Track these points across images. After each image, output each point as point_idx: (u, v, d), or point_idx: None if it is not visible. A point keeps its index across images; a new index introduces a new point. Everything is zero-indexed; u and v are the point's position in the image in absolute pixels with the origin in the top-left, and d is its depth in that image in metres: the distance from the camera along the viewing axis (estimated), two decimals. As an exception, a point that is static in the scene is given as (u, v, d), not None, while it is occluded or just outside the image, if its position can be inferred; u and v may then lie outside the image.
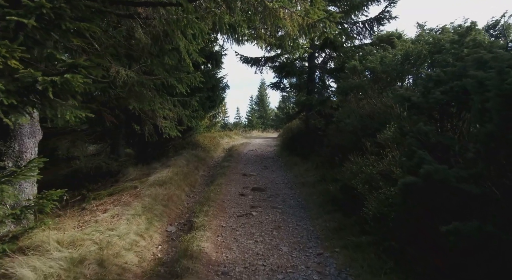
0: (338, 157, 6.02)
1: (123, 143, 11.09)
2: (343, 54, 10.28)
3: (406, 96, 3.50)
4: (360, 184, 4.08)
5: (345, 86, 6.38)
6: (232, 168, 9.51)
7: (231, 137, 21.42)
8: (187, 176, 8.73)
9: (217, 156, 13.10)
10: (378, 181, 3.89)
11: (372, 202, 3.60)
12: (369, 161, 4.33)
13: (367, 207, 3.62)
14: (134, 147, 12.40)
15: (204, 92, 10.48)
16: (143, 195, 6.48)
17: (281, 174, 8.80)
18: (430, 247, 2.76)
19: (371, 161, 4.27)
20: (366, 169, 4.14)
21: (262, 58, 11.59)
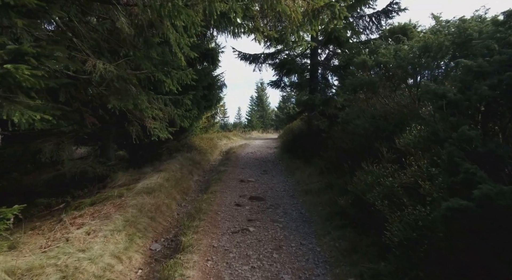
0: (347, 163, 5.31)
1: (113, 145, 10.34)
2: (348, 50, 9.57)
3: (439, 92, 2.80)
4: (379, 199, 3.37)
5: (354, 83, 5.68)
6: (229, 173, 8.81)
7: (230, 138, 20.73)
8: (180, 182, 8.04)
9: (214, 159, 12.39)
10: (401, 196, 3.18)
11: (396, 224, 2.89)
12: (387, 171, 3.62)
13: (390, 231, 2.91)
14: (128, 149, 11.71)
15: (199, 90, 9.78)
16: (127, 206, 5.79)
17: (281, 179, 8.10)
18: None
19: (390, 171, 3.56)
20: (385, 181, 3.44)
21: (261, 54, 10.89)
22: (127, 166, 9.87)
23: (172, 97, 7.80)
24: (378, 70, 5.71)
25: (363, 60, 5.74)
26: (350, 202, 4.01)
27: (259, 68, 11.24)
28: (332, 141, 7.22)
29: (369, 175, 3.81)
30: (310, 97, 9.06)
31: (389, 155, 4.03)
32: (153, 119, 7.22)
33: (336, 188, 5.45)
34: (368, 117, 5.15)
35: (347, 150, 5.74)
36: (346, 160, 5.75)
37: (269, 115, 47.28)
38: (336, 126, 7.39)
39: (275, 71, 10.89)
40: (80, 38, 5.25)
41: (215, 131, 23.49)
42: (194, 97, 9.82)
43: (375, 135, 4.89)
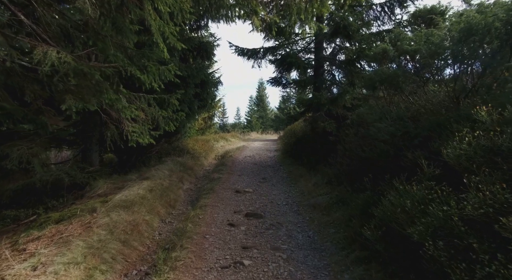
0: (366, 175, 4.28)
1: (96, 148, 9.26)
2: (357, 43, 8.55)
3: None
4: (427, 236, 2.34)
5: (373, 78, 4.65)
6: (223, 181, 7.76)
7: (228, 140, 19.69)
8: (167, 192, 7.00)
9: (209, 164, 11.35)
10: (465, 236, 2.15)
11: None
12: (435, 195, 2.58)
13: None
14: (116, 152, 10.67)
15: (191, 88, 8.75)
16: (97, 225, 4.77)
17: (283, 189, 7.06)
18: None
19: (441, 196, 2.52)
20: (436, 211, 2.40)
21: (260, 49, 9.85)
22: (111, 172, 8.87)
23: (157, 96, 6.80)
24: (402, 61, 4.68)
25: (382, 50, 4.70)
26: (379, 234, 2.96)
27: (258, 64, 10.21)
28: (342, 147, 6.19)
29: (408, 199, 2.77)
30: (315, 96, 8.02)
31: (431, 169, 2.98)
32: (134, 121, 6.22)
33: (352, 206, 4.40)
34: (393, 118, 4.11)
35: (364, 159, 4.70)
36: (364, 171, 4.71)
37: (269, 116, 46.29)
38: (348, 129, 6.36)
39: (276, 68, 9.85)
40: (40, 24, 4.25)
41: (212, 133, 22.47)
42: (185, 96, 8.78)
43: (404, 141, 3.85)
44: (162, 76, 6.25)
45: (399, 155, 3.82)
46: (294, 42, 9.68)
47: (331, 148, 7.72)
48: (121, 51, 4.92)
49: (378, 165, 4.18)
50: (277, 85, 10.19)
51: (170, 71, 6.36)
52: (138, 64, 4.80)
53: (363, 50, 7.81)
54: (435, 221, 2.39)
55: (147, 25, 5.09)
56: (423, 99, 4.39)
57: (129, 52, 5.05)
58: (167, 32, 5.57)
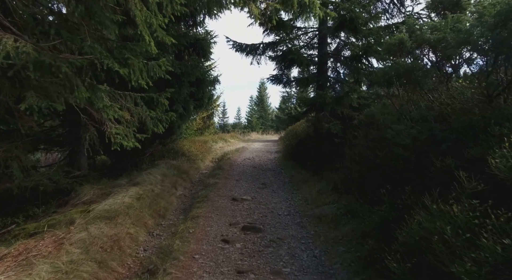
0: (380, 185, 3.66)
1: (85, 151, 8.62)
2: (364, 37, 7.93)
3: None
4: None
5: (387, 73, 4.03)
6: (220, 187, 7.14)
7: (227, 141, 19.08)
8: (157, 199, 6.40)
9: (206, 167, 10.73)
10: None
11: None
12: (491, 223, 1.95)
13: None
14: (109, 155, 10.08)
15: (185, 87, 8.13)
16: (71, 241, 4.17)
17: (284, 197, 6.44)
18: None
19: (500, 225, 1.90)
20: (493, 245, 1.78)
21: (259, 45, 9.22)
22: (101, 176, 8.26)
23: (144, 95, 6.20)
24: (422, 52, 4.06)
25: (399, 40, 4.08)
26: (409, 266, 2.33)
27: (258, 60, 9.59)
28: (351, 150, 5.57)
29: (446, 223, 2.14)
30: (319, 94, 7.40)
31: (473, 184, 2.36)
32: (117, 122, 5.62)
33: (366, 222, 3.78)
34: (414, 119, 3.49)
35: (378, 166, 4.09)
36: (377, 179, 4.10)
37: (269, 116, 45.71)
38: (356, 131, 5.74)
39: (276, 64, 9.23)
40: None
41: (211, 133, 21.88)
42: (179, 95, 8.18)
43: (428, 146, 3.23)
44: (151, 73, 5.66)
45: (422, 163, 3.20)
46: (296, 37, 9.07)
47: (336, 151, 7.11)
48: (99, 43, 4.32)
49: (395, 173, 3.55)
50: (278, 83, 9.56)
51: (161, 67, 5.78)
52: (119, 57, 4.19)
53: (371, 45, 7.19)
54: (490, 257, 1.77)
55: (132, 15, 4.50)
56: (445, 97, 3.77)
57: (109, 44, 4.44)
58: (155, 24, 4.96)
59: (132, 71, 5.31)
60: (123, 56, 4.17)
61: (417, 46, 3.94)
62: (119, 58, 4.15)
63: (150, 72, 5.61)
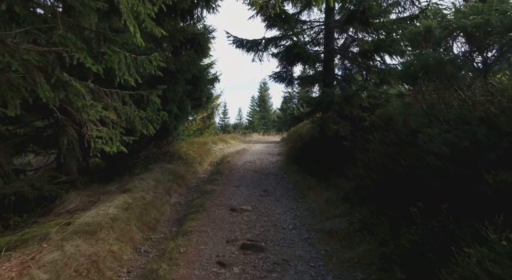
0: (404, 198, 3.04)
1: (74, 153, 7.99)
2: (376, 31, 7.30)
3: None
4: None
5: (412, 67, 3.39)
6: (218, 195, 6.51)
7: (227, 142, 18.48)
8: (148, 208, 5.79)
9: (204, 171, 10.11)
10: None
11: None
12: None
13: None
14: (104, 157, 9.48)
15: (181, 85, 7.51)
16: (40, 264, 3.55)
17: (289, 206, 5.81)
18: None
19: None
20: None
21: (261, 40, 8.59)
22: (92, 181, 7.67)
23: (133, 92, 5.60)
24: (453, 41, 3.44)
25: (425, 28, 3.45)
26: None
27: (260, 57, 8.95)
28: (364, 156, 4.95)
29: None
30: (327, 93, 6.77)
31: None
32: (102, 123, 5.01)
33: (391, 247, 3.13)
34: (451, 122, 2.86)
35: (400, 176, 3.45)
36: (401, 191, 3.47)
37: (271, 116, 45.08)
38: (369, 134, 5.12)
39: (279, 61, 8.59)
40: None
41: (211, 134, 21.26)
42: (174, 93, 7.56)
43: (471, 156, 2.60)
44: (140, 68, 5.05)
45: (465, 176, 2.57)
46: (301, 31, 8.43)
47: (345, 155, 6.48)
48: (74, 32, 3.70)
49: (425, 186, 2.92)
50: (281, 81, 8.92)
51: (151, 63, 5.17)
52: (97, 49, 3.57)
53: (384, 40, 6.55)
54: None
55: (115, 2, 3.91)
56: (480, 94, 3.14)
57: (86, 35, 3.83)
58: (143, 13, 4.38)
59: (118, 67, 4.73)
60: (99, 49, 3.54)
61: (448, 34, 3.32)
62: (94, 52, 3.53)
63: (139, 68, 5.01)
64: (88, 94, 4.82)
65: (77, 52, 3.22)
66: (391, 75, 7.09)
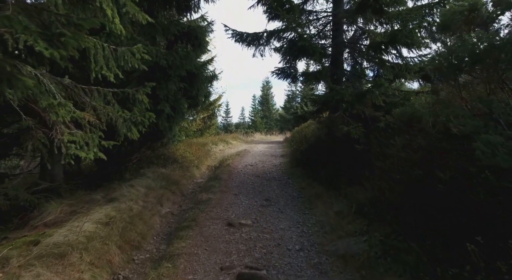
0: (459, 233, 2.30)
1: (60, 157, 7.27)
2: (390, 21, 6.55)
3: None
4: None
5: (454, 53, 2.66)
6: (214, 205, 5.79)
7: (228, 142, 17.77)
8: (134, 221, 5.11)
9: (201, 175, 9.40)
10: None
11: None
12: None
13: None
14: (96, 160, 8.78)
15: (173, 82, 6.78)
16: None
17: (294, 219, 5.08)
18: None
19: None
20: None
21: (263, 33, 7.85)
22: (78, 187, 6.99)
23: (117, 90, 4.91)
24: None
25: (470, 6, 2.70)
26: None
27: (261, 52, 8.22)
28: (384, 164, 4.22)
29: None
30: (337, 90, 6.02)
31: None
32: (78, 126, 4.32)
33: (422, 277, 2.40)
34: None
35: (439, 193, 2.72)
36: (443, 216, 2.73)
37: (274, 116, 44.36)
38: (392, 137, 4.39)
39: (283, 56, 7.84)
40: None
41: (212, 134, 20.57)
42: (166, 91, 6.85)
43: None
44: (121, 61, 4.35)
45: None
46: (307, 23, 7.67)
47: (357, 160, 5.75)
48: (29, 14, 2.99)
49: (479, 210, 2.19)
50: (284, 77, 8.17)
51: (134, 55, 4.47)
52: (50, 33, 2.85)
53: (400, 30, 5.80)
54: None
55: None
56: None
57: (45, 18, 3.11)
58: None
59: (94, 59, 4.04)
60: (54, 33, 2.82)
61: (502, 12, 2.58)
62: (49, 35, 2.81)
63: (120, 61, 4.30)
64: (61, 92, 4.13)
65: (25, 34, 2.51)
66: (408, 70, 6.34)
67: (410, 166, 3.55)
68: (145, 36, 7.25)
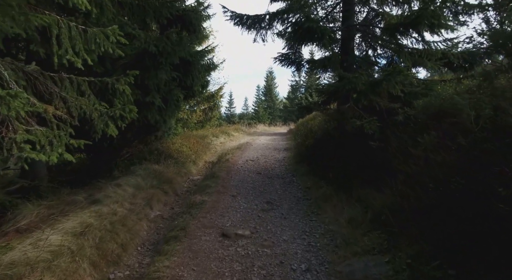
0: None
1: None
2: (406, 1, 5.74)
3: None
4: None
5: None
6: (208, 210, 5.10)
7: (229, 134, 17.08)
8: (115, 229, 4.48)
9: (198, 171, 8.73)
10: None
11: None
12: None
13: None
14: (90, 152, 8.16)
15: (164, 71, 6.04)
16: None
17: (300, 228, 4.40)
18: None
19: None
20: None
21: (265, 15, 7.05)
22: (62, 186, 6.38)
23: (95, 79, 4.24)
24: None
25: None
26: None
27: (263, 36, 7.42)
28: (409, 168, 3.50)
29: None
30: (348, 79, 5.25)
31: None
32: (41, 122, 3.65)
33: None
34: None
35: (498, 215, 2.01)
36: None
37: (278, 106, 43.55)
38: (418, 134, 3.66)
39: (287, 41, 7.07)
40: None
41: (214, 125, 19.89)
42: (156, 80, 6.11)
43: None
44: (92, 45, 3.64)
45: None
46: (314, 3, 6.85)
47: (372, 159, 5.04)
48: None
49: None
50: (288, 64, 7.38)
51: (108, 38, 3.76)
52: None
53: (425, 8, 5.00)
54: None
55: None
56: None
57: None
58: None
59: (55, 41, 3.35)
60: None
61: None
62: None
63: (90, 44, 3.59)
64: (20, 80, 3.46)
65: None
66: (429, 56, 5.55)
67: (446, 172, 2.83)
68: (134, 18, 6.51)
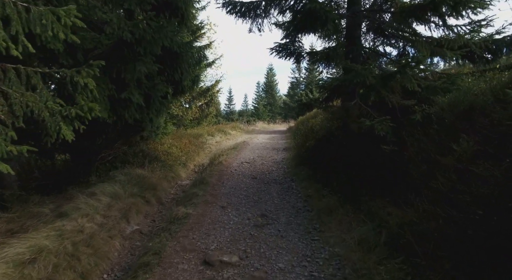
0: None
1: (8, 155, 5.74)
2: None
3: None
4: None
5: None
6: (190, 226, 4.33)
7: (226, 133, 16.31)
8: (78, 253, 3.72)
9: (188, 175, 7.97)
10: None
11: None
12: None
13: None
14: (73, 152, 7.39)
15: (144, 62, 5.25)
16: None
17: (299, 251, 3.64)
18: None
19: None
20: None
21: (261, 1, 6.26)
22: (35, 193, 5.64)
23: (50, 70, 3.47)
24: None
25: None
26: None
27: (258, 25, 6.61)
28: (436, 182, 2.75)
29: None
30: (357, 71, 4.48)
31: None
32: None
33: None
34: None
35: None
36: None
37: (278, 103, 42.82)
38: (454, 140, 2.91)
39: (286, 29, 6.27)
40: None
41: (211, 123, 19.10)
42: (134, 74, 5.34)
43: None
44: (36, 28, 2.87)
45: None
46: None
47: (384, 165, 4.28)
48: None
49: None
50: (287, 55, 6.56)
51: (60, 20, 2.97)
52: None
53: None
54: None
55: None
56: None
57: None
58: None
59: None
60: None
61: None
62: None
63: (34, 27, 2.82)
64: None
65: None
66: (450, 45, 4.77)
67: (498, 193, 2.07)
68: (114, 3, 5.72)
